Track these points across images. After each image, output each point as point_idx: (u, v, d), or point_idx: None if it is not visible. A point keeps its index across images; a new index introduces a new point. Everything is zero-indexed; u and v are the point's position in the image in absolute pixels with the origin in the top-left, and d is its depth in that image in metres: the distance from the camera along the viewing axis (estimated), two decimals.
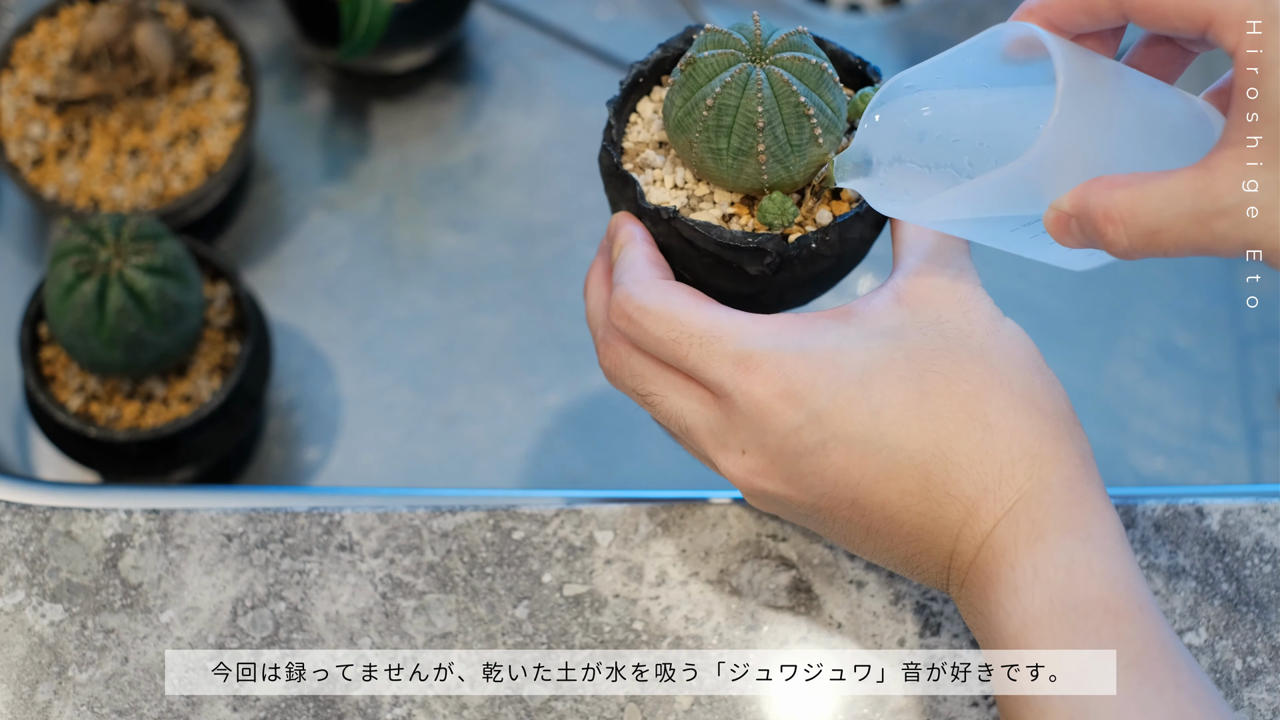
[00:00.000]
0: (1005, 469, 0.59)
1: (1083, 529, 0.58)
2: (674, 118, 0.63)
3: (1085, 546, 0.58)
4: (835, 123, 0.63)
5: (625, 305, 0.62)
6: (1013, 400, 0.60)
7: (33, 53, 0.99)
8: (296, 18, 1.02)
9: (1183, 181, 0.55)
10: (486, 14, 1.09)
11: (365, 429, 0.99)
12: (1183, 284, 1.02)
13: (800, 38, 0.63)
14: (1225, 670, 0.69)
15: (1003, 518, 0.59)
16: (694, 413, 0.62)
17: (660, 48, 0.67)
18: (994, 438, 0.59)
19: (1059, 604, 0.57)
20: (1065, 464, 0.59)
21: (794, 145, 0.62)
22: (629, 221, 0.64)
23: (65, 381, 0.92)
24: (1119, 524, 0.59)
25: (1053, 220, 0.58)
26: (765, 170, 0.62)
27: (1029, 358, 0.61)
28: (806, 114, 0.62)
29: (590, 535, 0.71)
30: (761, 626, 0.69)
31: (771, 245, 0.62)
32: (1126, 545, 0.59)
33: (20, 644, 0.69)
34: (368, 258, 1.03)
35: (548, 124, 1.06)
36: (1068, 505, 0.59)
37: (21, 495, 0.72)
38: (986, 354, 0.60)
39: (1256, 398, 1.00)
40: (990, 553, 0.59)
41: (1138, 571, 0.59)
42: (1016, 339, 0.61)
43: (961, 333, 0.61)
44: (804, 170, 0.63)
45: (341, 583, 0.70)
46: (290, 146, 1.05)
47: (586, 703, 0.68)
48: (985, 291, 0.62)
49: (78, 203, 0.96)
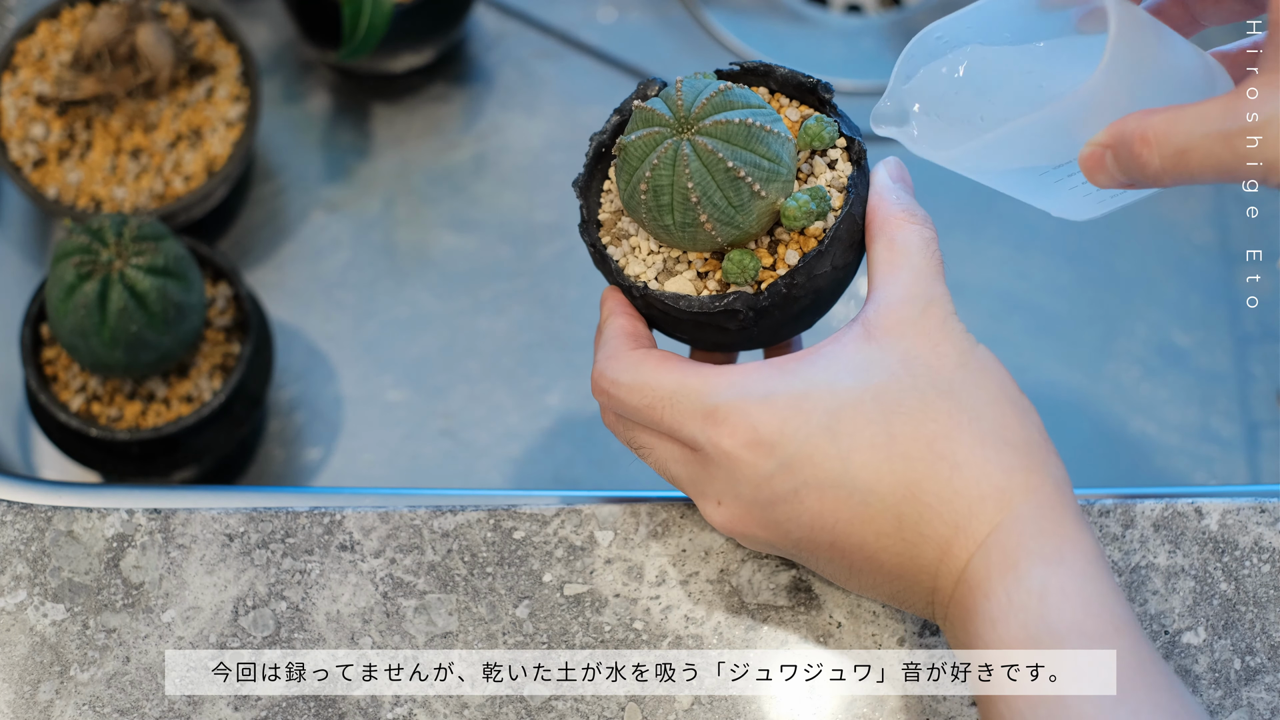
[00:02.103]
0: (975, 505, 0.60)
1: (1055, 555, 0.58)
2: (623, 198, 0.65)
3: (1059, 572, 0.58)
4: (776, 171, 0.63)
5: (600, 381, 0.65)
6: (981, 435, 0.60)
7: (34, 53, 0.99)
8: (297, 18, 1.02)
9: (1214, 105, 0.58)
10: (487, 15, 1.09)
11: (366, 429, 0.99)
12: (1182, 284, 1.02)
13: (724, 95, 0.63)
14: (1224, 670, 0.69)
15: (975, 552, 0.59)
16: (676, 463, 0.64)
17: (616, 112, 0.68)
18: (963, 475, 0.60)
19: (1034, 631, 0.57)
20: (1036, 493, 0.60)
21: (735, 206, 0.63)
22: (611, 296, 0.67)
23: (67, 381, 0.92)
24: (1096, 547, 0.59)
25: (1088, 156, 0.60)
26: (717, 234, 0.63)
27: (1000, 388, 0.61)
28: (738, 176, 0.62)
29: (590, 535, 0.71)
30: (761, 626, 0.69)
31: (741, 303, 0.64)
32: (1103, 567, 0.59)
33: (22, 643, 0.69)
34: (368, 258, 1.03)
35: (548, 125, 1.07)
36: (1039, 534, 0.59)
37: (23, 495, 0.72)
38: (954, 390, 0.61)
39: (1255, 398, 1.00)
40: (966, 587, 0.59)
41: (1116, 592, 0.59)
42: (987, 369, 0.62)
43: (930, 369, 0.61)
44: (757, 222, 0.64)
45: (342, 582, 0.70)
46: (291, 147, 1.06)
47: (587, 702, 0.68)
48: (957, 319, 0.63)
49: (79, 203, 0.96)
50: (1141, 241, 1.04)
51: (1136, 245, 1.04)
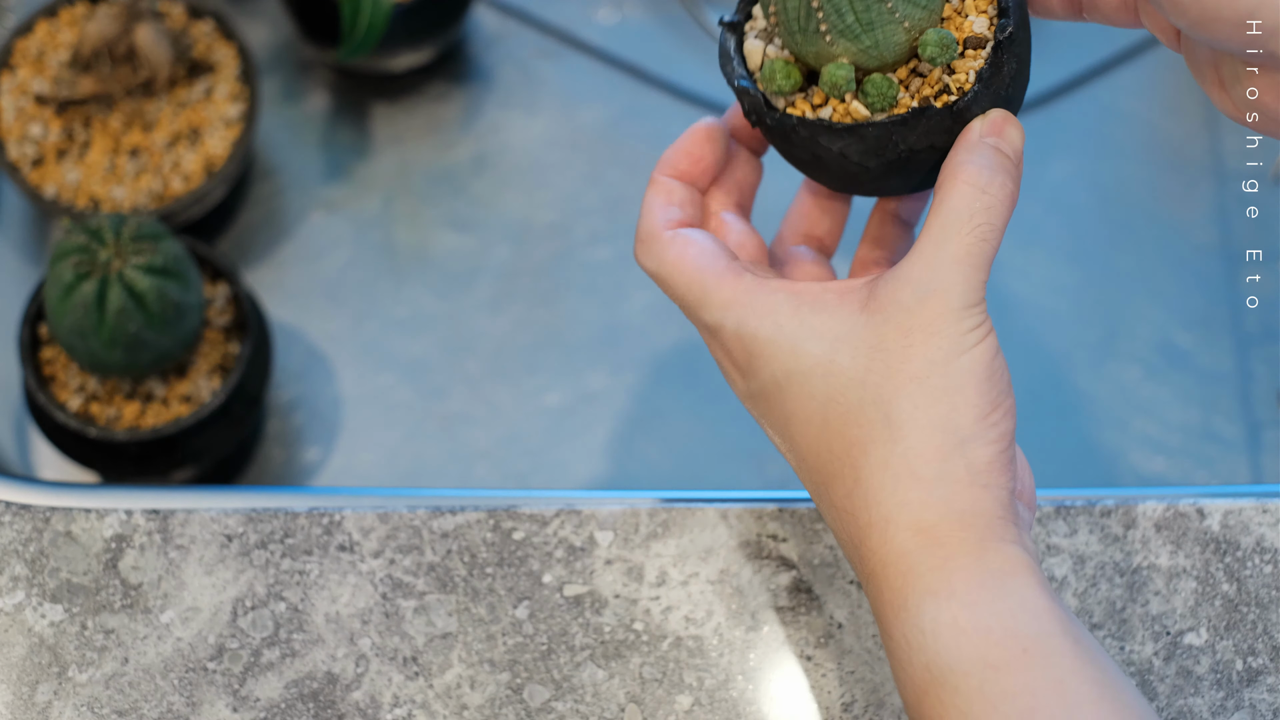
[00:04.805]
0: (864, 528, 0.59)
1: (945, 589, 0.56)
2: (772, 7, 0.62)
3: (950, 605, 0.56)
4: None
5: (637, 259, 0.66)
6: (888, 460, 0.58)
7: (33, 53, 0.99)
8: (296, 18, 1.02)
9: None
10: (487, 14, 1.09)
11: (365, 429, 0.99)
12: (1183, 284, 1.02)
13: None
14: (1226, 670, 0.69)
15: (868, 583, 0.59)
16: None
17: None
18: (860, 492, 0.59)
19: (938, 671, 0.56)
20: (924, 532, 0.57)
21: (863, 23, 0.60)
22: (672, 154, 0.67)
23: (65, 381, 0.92)
24: (997, 572, 0.57)
25: None
26: (835, 46, 0.61)
27: (944, 417, 0.58)
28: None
29: (590, 535, 0.71)
30: (761, 626, 0.69)
31: None
32: (1002, 591, 0.56)
33: (20, 644, 0.69)
34: (368, 258, 1.03)
35: (548, 124, 1.06)
36: (927, 570, 0.57)
37: (21, 495, 0.72)
38: (891, 403, 0.58)
39: (1256, 398, 1.00)
40: (875, 605, 0.59)
41: (1022, 612, 0.56)
42: (945, 392, 0.58)
43: (888, 369, 0.59)
44: (887, 46, 0.61)
45: (342, 583, 0.70)
46: (290, 146, 1.05)
47: (586, 703, 0.68)
48: (965, 315, 0.59)
49: (78, 203, 0.96)
50: (1142, 241, 1.04)
51: (1137, 245, 1.03)
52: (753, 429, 0.72)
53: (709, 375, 1.00)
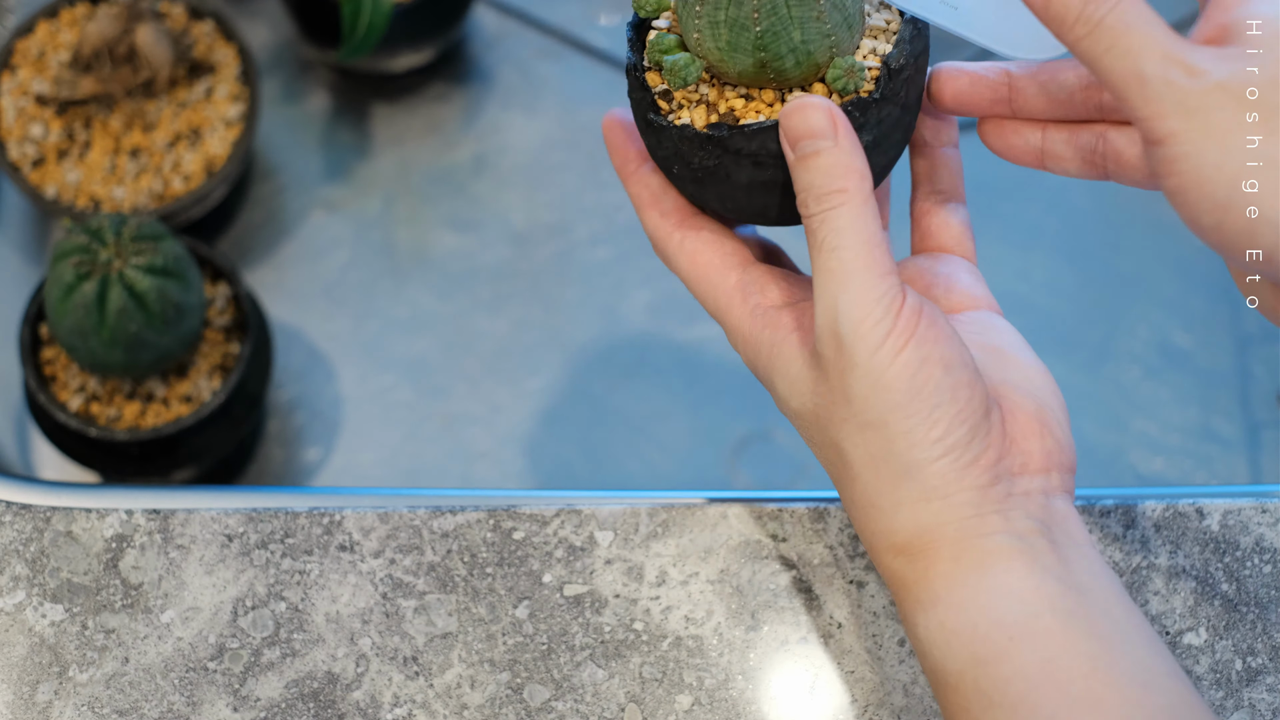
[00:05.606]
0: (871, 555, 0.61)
1: (929, 597, 0.58)
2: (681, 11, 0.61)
3: (936, 611, 0.58)
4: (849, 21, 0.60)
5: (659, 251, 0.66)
6: (855, 498, 0.60)
7: (33, 53, 0.99)
8: (297, 18, 1.02)
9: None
10: (487, 14, 1.09)
11: (365, 429, 0.99)
12: (1183, 284, 1.02)
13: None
14: (1225, 670, 0.69)
15: None
16: None
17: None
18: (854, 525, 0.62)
19: (940, 675, 0.58)
20: (902, 553, 0.59)
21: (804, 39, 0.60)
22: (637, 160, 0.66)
23: (66, 382, 0.92)
24: (976, 568, 0.57)
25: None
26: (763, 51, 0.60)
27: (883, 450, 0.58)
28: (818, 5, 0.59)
29: (590, 535, 0.71)
30: (761, 626, 0.69)
31: None
32: (982, 586, 0.57)
33: (21, 644, 0.69)
34: (368, 258, 1.03)
35: (548, 125, 1.06)
36: (913, 584, 0.59)
37: (22, 495, 0.72)
38: (840, 446, 0.60)
39: (1256, 398, 1.00)
40: None
41: (1005, 601, 0.57)
42: (875, 426, 0.58)
43: (830, 415, 0.60)
44: (797, 63, 0.60)
45: (342, 583, 0.70)
46: (290, 147, 1.05)
47: (586, 702, 0.68)
48: (864, 344, 0.58)
49: (78, 203, 0.96)
50: (1142, 241, 1.04)
51: (1137, 245, 1.03)
52: (753, 429, 0.72)
53: (709, 375, 1.00)
